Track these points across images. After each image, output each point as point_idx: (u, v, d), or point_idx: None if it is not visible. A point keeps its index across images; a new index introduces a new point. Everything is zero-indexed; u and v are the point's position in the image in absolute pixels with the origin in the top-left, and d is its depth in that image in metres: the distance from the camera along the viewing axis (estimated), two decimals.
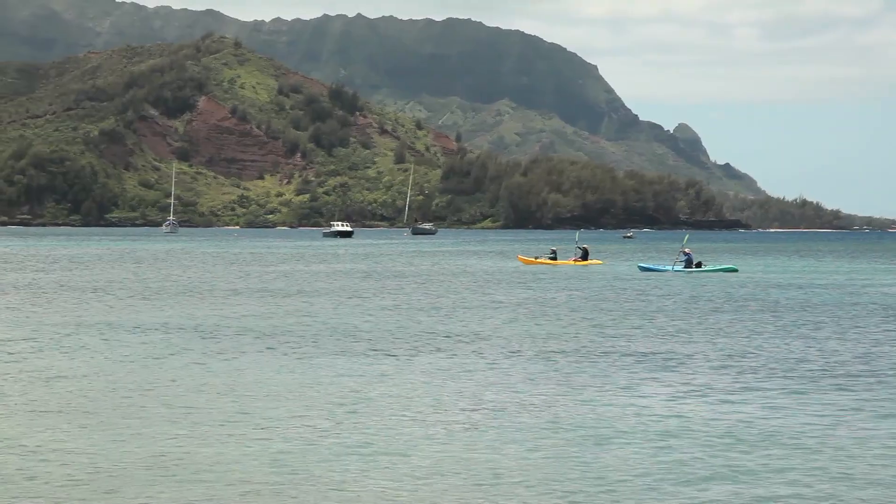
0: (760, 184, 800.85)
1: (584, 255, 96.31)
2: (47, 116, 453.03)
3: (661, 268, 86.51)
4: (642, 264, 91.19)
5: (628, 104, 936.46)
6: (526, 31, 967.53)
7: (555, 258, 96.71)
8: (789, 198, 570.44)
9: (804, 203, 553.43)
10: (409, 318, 44.86)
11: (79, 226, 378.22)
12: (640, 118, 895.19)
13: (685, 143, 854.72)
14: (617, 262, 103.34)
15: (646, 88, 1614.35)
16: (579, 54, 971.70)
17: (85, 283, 68.60)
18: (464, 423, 22.00)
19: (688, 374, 29.33)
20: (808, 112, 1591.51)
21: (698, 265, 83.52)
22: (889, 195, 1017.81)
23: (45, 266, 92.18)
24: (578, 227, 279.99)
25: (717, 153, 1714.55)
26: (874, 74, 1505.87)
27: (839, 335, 39.59)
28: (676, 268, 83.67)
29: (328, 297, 56.76)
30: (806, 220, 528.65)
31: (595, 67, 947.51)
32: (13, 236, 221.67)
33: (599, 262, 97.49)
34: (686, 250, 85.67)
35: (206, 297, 56.11)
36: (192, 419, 22.27)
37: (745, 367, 30.89)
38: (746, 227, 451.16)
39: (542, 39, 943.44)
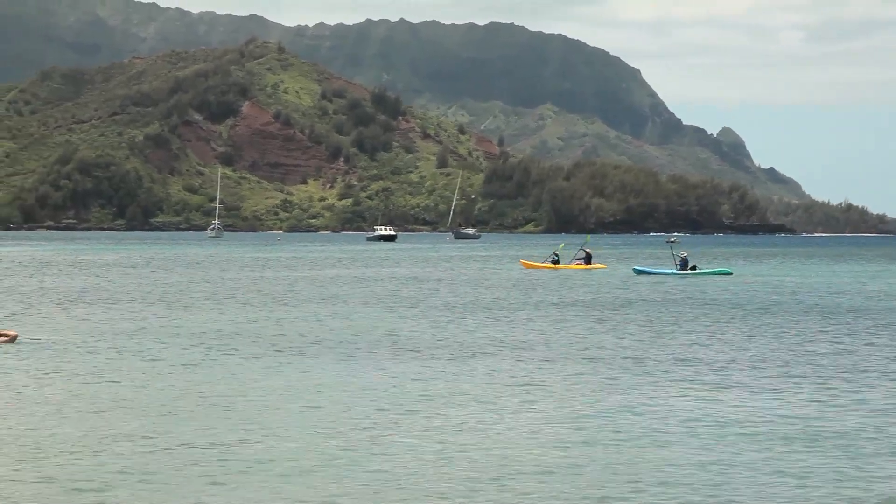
0: (805, 188, 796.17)
1: (588, 259, 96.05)
2: (93, 121, 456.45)
3: (656, 270, 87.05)
4: (638, 267, 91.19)
5: (671, 108, 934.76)
6: (568, 36, 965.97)
7: (557, 262, 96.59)
8: (834, 202, 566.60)
9: (849, 207, 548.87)
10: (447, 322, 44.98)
11: (123, 230, 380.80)
12: (684, 122, 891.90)
13: (729, 147, 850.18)
14: (626, 266, 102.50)
15: (689, 92, 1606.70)
16: (622, 58, 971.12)
17: (149, 287, 69.19)
18: (523, 427, 22.14)
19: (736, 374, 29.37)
20: (852, 115, 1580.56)
21: (693, 268, 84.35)
22: None
23: (120, 271, 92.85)
24: (587, 233, 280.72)
25: (762, 157, 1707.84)
26: None
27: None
28: (671, 271, 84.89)
29: (379, 302, 56.96)
30: (851, 225, 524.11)
31: (638, 71, 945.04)
32: (71, 241, 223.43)
33: (602, 266, 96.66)
34: (683, 253, 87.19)
35: (287, 301, 56.41)
36: (261, 420, 22.53)
37: (802, 368, 30.86)
38: (791, 231, 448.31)
39: (584, 43, 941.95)
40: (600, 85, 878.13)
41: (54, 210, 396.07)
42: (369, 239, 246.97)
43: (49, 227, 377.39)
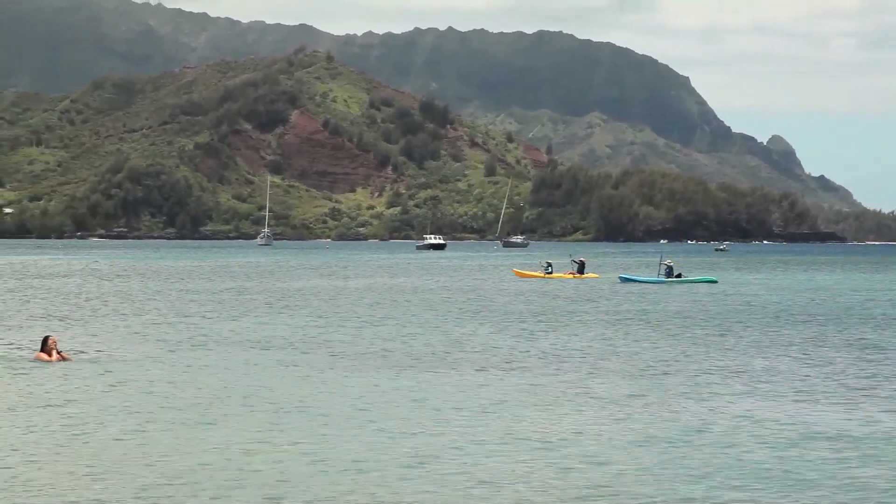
0: (856, 196, 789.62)
1: (581, 269, 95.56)
2: (143, 131, 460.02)
3: (641, 279, 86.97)
4: (624, 275, 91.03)
5: (721, 116, 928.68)
6: (617, 44, 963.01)
7: (550, 272, 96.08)
8: (886, 210, 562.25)
9: None
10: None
11: (173, 238, 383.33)
12: (733, 130, 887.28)
13: (779, 155, 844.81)
14: (636, 274, 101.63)
15: (739, 100, 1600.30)
16: (671, 66, 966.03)
17: (208, 293, 69.65)
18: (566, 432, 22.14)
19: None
20: None
21: (678, 276, 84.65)
22: None
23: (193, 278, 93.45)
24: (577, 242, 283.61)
25: (812, 165, 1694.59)
26: None
27: None
28: (656, 279, 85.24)
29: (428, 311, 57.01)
30: None
31: (687, 79, 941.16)
32: (133, 249, 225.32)
33: (595, 275, 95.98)
34: (667, 262, 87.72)
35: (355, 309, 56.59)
36: (317, 422, 22.61)
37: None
38: (841, 239, 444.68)
39: (633, 51, 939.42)
40: (649, 93, 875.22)
41: (105, 218, 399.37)
42: (419, 247, 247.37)
43: (100, 236, 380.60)
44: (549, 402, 25.86)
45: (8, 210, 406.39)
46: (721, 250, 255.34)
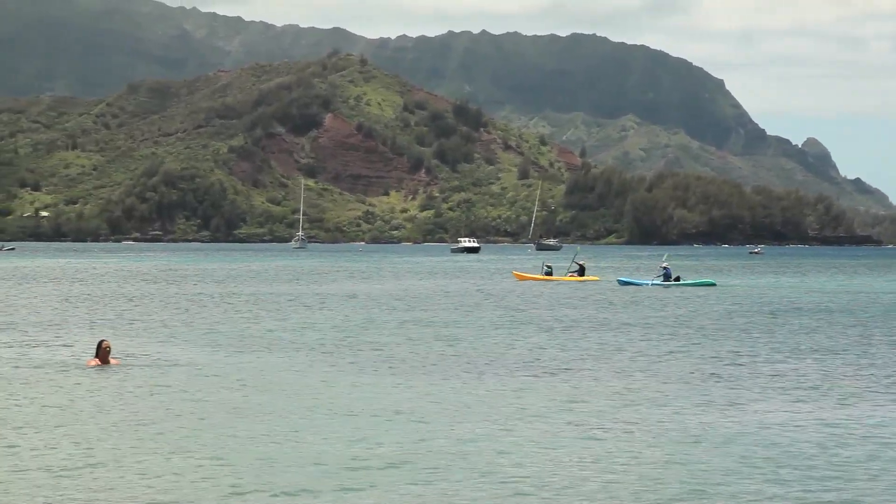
0: (892, 199, 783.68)
1: (581, 272, 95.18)
2: (178, 134, 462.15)
3: (640, 282, 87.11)
4: (622, 278, 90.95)
5: (755, 119, 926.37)
6: (651, 46, 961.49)
7: (550, 274, 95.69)
8: None
9: None
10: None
11: (207, 241, 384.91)
12: (768, 133, 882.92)
13: (814, 158, 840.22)
14: (639, 278, 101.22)
15: (774, 103, 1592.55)
16: (706, 69, 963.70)
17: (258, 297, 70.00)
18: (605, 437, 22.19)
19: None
20: None
21: (676, 279, 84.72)
22: None
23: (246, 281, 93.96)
24: (577, 245, 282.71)
25: (848, 168, 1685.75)
26: None
27: None
28: (654, 282, 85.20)
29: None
30: None
31: (722, 82, 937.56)
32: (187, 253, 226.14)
33: (596, 278, 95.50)
34: (664, 265, 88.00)
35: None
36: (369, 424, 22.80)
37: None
38: (878, 242, 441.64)
39: (667, 54, 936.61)
40: (683, 96, 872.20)
41: (140, 222, 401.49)
42: (453, 251, 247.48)
43: (135, 239, 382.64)
44: (610, 404, 25.89)
45: (44, 213, 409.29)
46: (755, 253, 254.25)
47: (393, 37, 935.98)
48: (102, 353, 32.20)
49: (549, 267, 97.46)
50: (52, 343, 39.49)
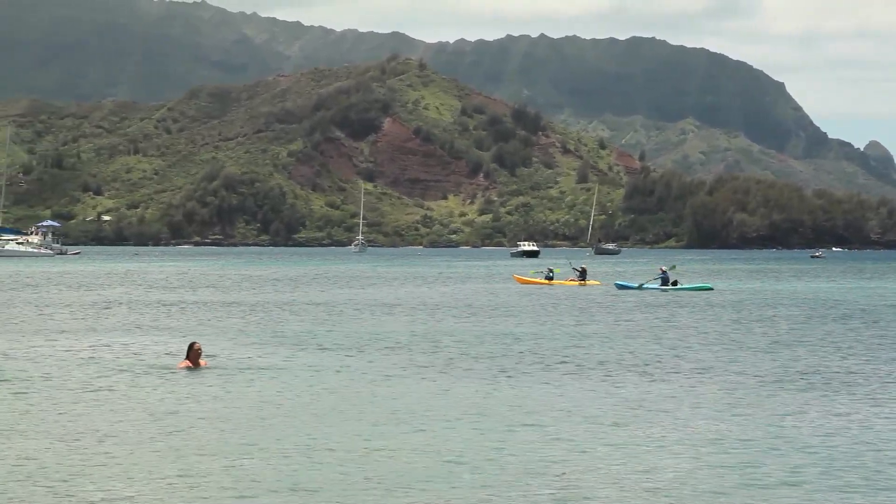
0: None
1: (583, 276, 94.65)
2: (238, 139, 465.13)
3: (637, 286, 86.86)
4: (619, 282, 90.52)
5: (817, 122, 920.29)
6: (711, 49, 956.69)
7: (551, 278, 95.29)
8: None
9: None
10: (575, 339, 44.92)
11: (267, 245, 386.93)
12: (829, 136, 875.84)
13: (876, 161, 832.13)
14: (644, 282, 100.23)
15: (836, 106, 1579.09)
16: (766, 72, 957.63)
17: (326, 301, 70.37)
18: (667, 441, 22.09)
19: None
20: None
21: (674, 283, 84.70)
22: None
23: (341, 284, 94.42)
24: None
25: None
26: None
27: None
28: (647, 285, 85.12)
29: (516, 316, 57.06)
30: None
31: (782, 85, 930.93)
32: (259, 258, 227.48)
33: (597, 282, 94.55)
34: (663, 268, 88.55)
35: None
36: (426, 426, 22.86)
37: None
38: None
39: (727, 57, 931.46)
40: (743, 99, 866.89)
41: (201, 226, 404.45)
42: (513, 254, 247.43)
43: (196, 244, 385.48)
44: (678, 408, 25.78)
45: (106, 217, 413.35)
46: (817, 257, 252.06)
47: (451, 40, 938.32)
48: (193, 354, 32.52)
49: (550, 271, 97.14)
50: (142, 346, 39.95)
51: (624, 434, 22.85)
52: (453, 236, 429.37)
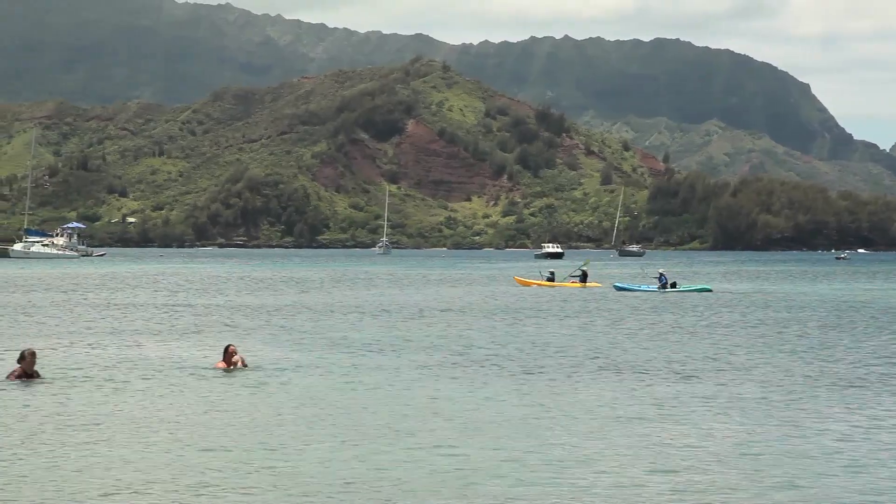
0: None
1: (584, 278, 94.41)
2: (262, 141, 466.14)
3: (636, 287, 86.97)
4: (618, 284, 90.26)
5: (842, 123, 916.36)
6: (735, 51, 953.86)
7: (552, 279, 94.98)
8: None
9: None
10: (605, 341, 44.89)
11: (291, 247, 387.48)
12: (855, 137, 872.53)
13: None
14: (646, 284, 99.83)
15: (861, 107, 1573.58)
16: (791, 73, 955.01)
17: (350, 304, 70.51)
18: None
19: None
20: None
21: (672, 285, 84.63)
22: None
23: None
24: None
25: None
26: None
27: None
28: (648, 287, 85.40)
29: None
30: None
31: (807, 86, 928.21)
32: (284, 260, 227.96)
33: (597, 284, 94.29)
34: (659, 271, 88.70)
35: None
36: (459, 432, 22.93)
37: None
38: None
39: (752, 58, 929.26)
40: (768, 100, 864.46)
41: (225, 228, 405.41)
42: (537, 256, 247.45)
43: (220, 245, 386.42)
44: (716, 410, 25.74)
45: (131, 219, 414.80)
46: (842, 259, 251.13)
47: (475, 42, 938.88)
48: (228, 356, 32.75)
49: (551, 273, 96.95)
50: (178, 347, 40.19)
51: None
52: (477, 238, 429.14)
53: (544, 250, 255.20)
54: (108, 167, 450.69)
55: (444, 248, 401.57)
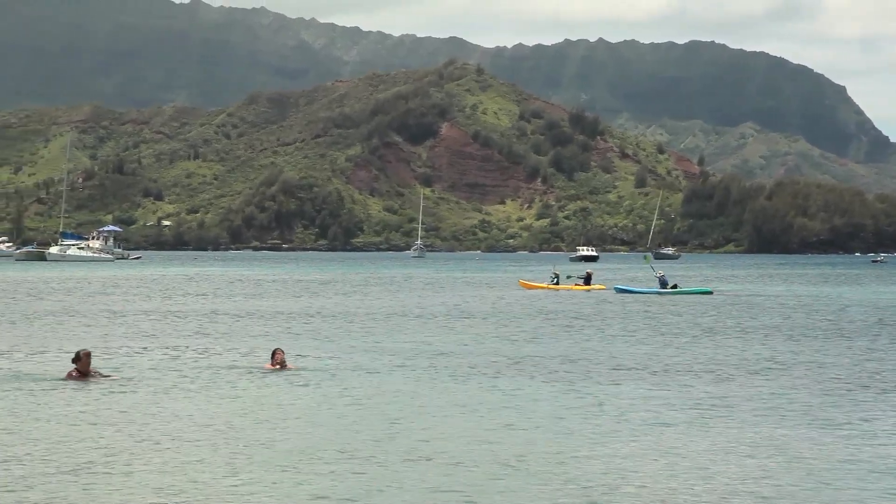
0: None
1: (588, 280, 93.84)
2: (297, 144, 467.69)
3: (637, 290, 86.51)
4: (619, 286, 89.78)
5: (879, 126, 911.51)
6: (771, 53, 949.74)
7: (557, 282, 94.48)
8: None
9: None
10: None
11: (325, 250, 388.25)
12: (892, 140, 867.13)
13: None
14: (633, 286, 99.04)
15: None
16: (827, 75, 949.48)
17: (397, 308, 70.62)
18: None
19: None
20: None
21: (674, 287, 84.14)
22: None
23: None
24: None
25: None
26: None
27: None
28: (648, 290, 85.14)
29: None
30: None
31: (844, 88, 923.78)
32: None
33: (602, 287, 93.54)
34: (660, 273, 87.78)
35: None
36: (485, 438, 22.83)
37: None
38: None
39: (788, 61, 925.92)
40: (804, 103, 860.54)
41: (260, 231, 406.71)
42: (572, 259, 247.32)
43: (255, 248, 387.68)
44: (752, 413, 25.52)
45: (166, 222, 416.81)
46: (879, 262, 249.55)
47: (509, 45, 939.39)
48: (277, 358, 33.00)
49: (556, 275, 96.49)
50: (225, 349, 40.40)
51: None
52: (511, 241, 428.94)
53: (579, 253, 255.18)
54: (144, 170, 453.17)
55: (478, 251, 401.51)
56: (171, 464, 19.90)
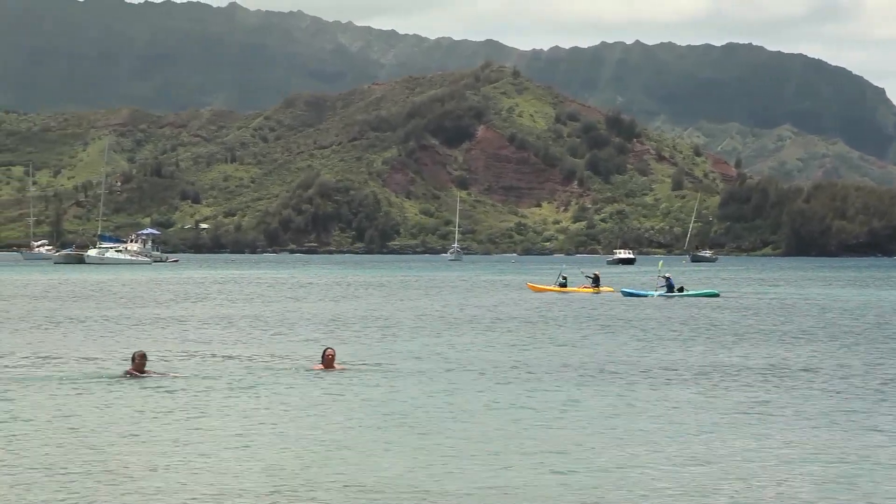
0: None
1: (596, 282, 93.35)
2: (333, 147, 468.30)
3: (643, 293, 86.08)
4: (626, 289, 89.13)
5: None
6: (809, 55, 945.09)
7: (565, 285, 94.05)
8: None
9: None
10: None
11: (362, 253, 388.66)
12: None
13: None
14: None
15: None
16: (866, 77, 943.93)
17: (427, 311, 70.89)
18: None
19: None
20: None
21: (680, 290, 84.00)
22: None
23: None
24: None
25: None
26: None
27: None
28: (657, 293, 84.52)
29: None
30: None
31: (883, 90, 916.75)
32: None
33: (610, 289, 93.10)
34: (666, 275, 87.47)
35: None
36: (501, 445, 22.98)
37: None
38: None
39: (826, 63, 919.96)
40: (842, 105, 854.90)
41: (296, 233, 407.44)
42: (609, 262, 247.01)
43: (292, 251, 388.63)
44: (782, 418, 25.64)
45: (204, 225, 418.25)
46: None
47: (546, 48, 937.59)
48: (327, 359, 33.37)
49: (564, 278, 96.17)
50: (275, 349, 40.83)
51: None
52: (547, 244, 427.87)
53: (616, 256, 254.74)
54: (182, 173, 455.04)
55: (515, 254, 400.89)
56: (243, 456, 20.32)
